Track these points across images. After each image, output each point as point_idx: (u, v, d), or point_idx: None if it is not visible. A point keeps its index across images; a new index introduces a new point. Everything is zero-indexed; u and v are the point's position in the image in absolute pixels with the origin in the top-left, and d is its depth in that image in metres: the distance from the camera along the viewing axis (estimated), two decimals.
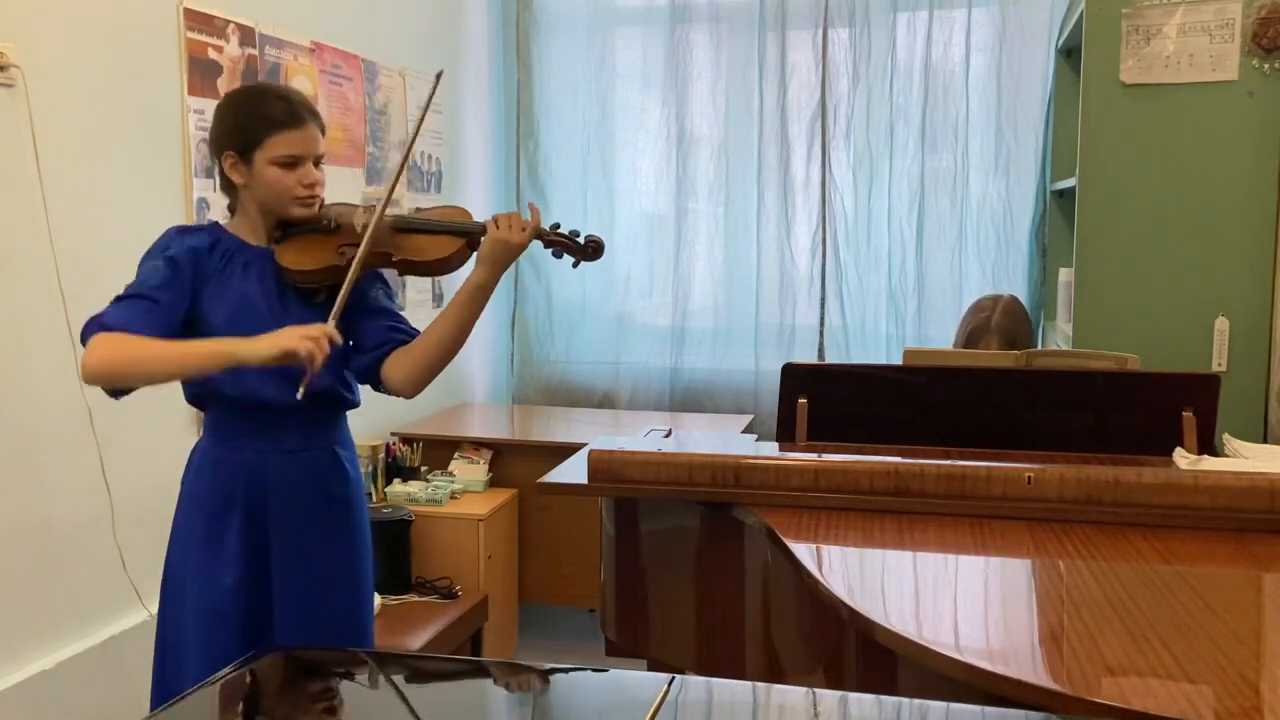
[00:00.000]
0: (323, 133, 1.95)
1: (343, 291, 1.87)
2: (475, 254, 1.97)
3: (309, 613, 1.95)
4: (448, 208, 2.08)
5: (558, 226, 2.03)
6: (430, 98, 2.03)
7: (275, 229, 1.95)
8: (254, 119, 1.89)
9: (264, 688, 1.31)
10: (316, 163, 1.94)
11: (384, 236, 1.95)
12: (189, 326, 1.88)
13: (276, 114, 1.89)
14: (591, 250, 2.02)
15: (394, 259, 1.96)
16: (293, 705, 1.30)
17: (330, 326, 1.79)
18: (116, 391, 1.87)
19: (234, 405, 1.91)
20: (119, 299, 1.82)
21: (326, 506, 1.99)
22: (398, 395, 2.00)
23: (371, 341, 1.98)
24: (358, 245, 1.90)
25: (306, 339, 1.73)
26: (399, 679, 1.37)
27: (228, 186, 1.96)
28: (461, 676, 1.42)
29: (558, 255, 2.03)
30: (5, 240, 2.22)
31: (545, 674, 1.35)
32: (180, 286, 1.85)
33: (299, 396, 1.77)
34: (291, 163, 1.89)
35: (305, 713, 1.27)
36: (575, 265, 2.05)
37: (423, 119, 2.06)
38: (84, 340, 1.77)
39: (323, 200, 1.97)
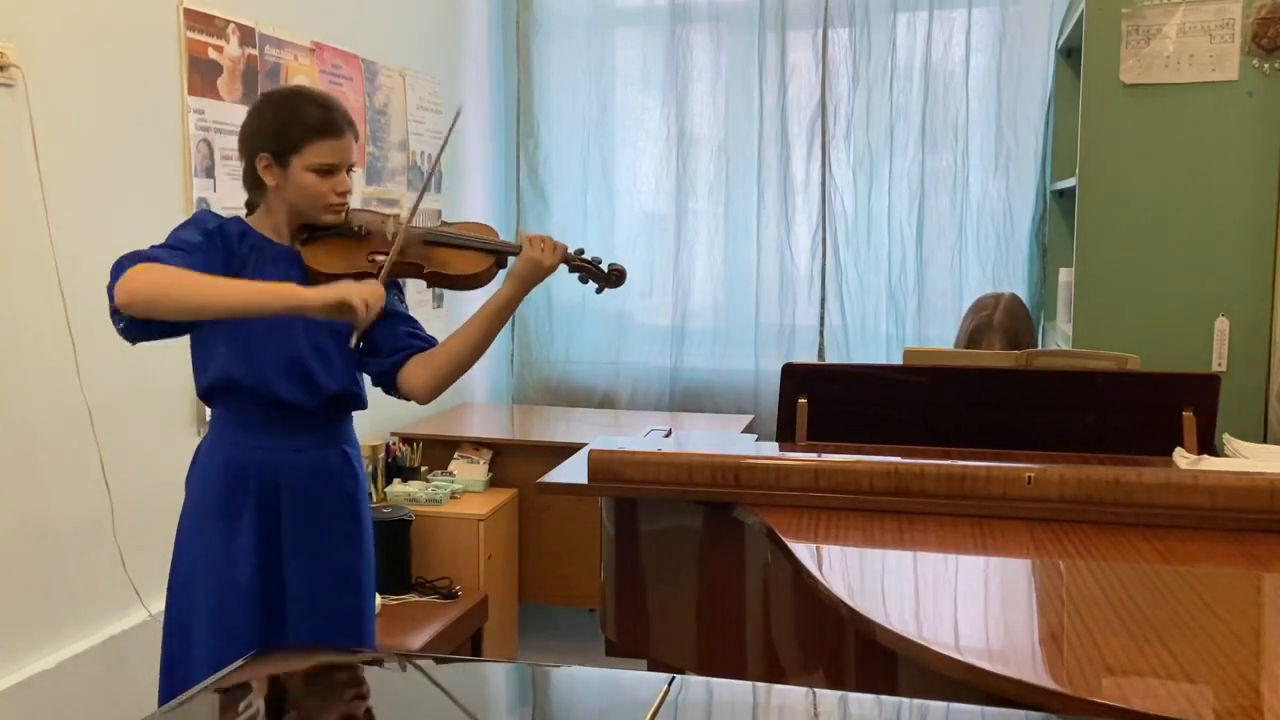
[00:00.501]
0: (356, 140, 1.96)
1: (390, 259, 1.91)
2: (503, 271, 2.02)
3: (319, 610, 1.97)
4: (473, 224, 2.11)
5: (582, 252, 2.08)
6: (450, 131, 2.05)
7: (300, 231, 1.97)
8: (295, 124, 1.89)
9: (269, 686, 1.31)
10: (349, 170, 1.96)
11: (414, 248, 1.99)
12: (221, 320, 1.88)
13: (317, 122, 1.90)
14: (615, 277, 2.10)
15: (425, 270, 2.00)
16: (296, 704, 1.30)
17: (380, 288, 1.82)
18: (137, 329, 1.80)
19: (249, 402, 1.92)
20: (155, 247, 1.80)
21: (338, 506, 2.01)
22: (412, 400, 2.03)
23: (389, 347, 2.01)
24: (387, 252, 1.93)
25: (362, 295, 1.76)
26: (399, 679, 1.37)
27: (254, 185, 1.97)
28: (461, 676, 1.42)
29: (583, 280, 2.09)
30: (5, 240, 2.22)
31: (545, 674, 1.35)
32: (214, 254, 1.85)
33: (351, 345, 1.85)
34: (328, 170, 1.91)
35: (307, 712, 1.27)
36: (599, 291, 2.11)
37: (443, 150, 2.13)
38: (118, 273, 1.74)
39: (348, 206, 1.99)
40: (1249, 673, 1.20)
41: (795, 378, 2.18)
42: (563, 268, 2.05)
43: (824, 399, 2.15)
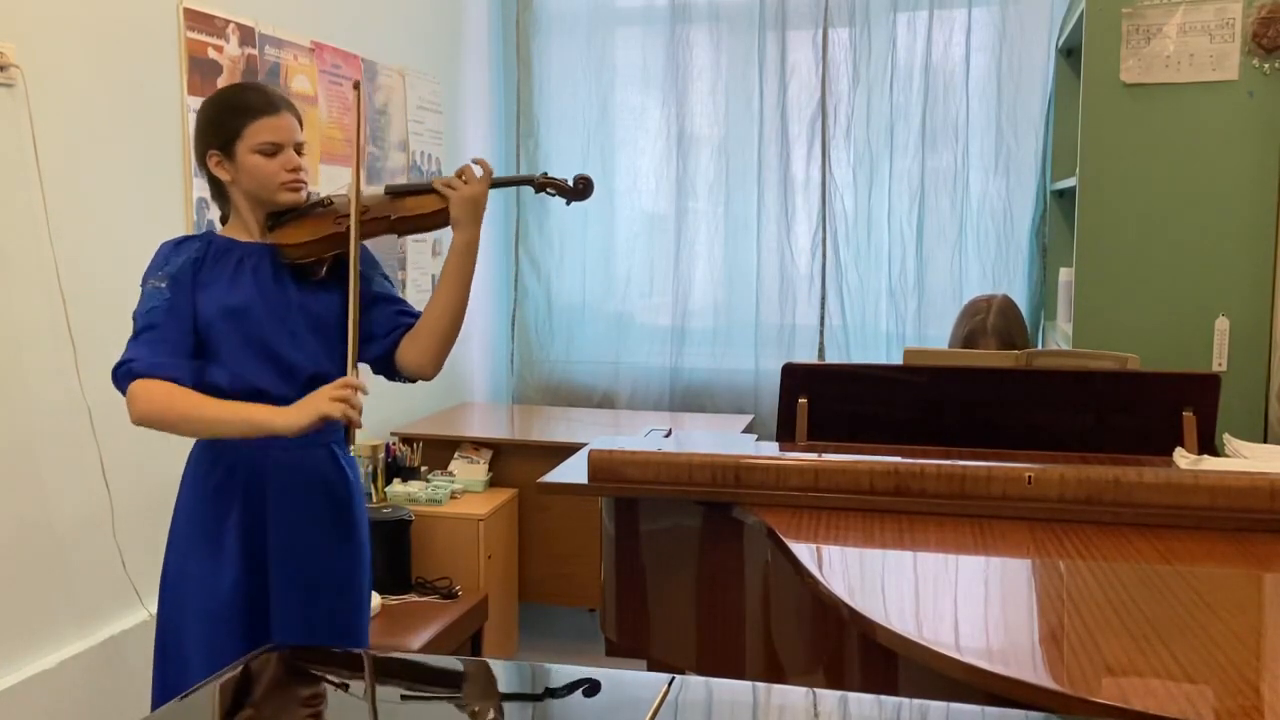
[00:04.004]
0: (300, 121, 1.97)
1: (351, 305, 1.90)
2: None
3: (306, 612, 1.94)
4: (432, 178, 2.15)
5: (547, 174, 2.09)
6: (359, 112, 2.07)
7: (267, 220, 1.97)
8: (230, 112, 1.92)
9: (260, 687, 1.31)
10: (298, 150, 1.96)
11: (377, 204, 2.01)
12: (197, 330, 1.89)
13: (252, 103, 1.92)
14: (581, 187, 2.08)
15: (393, 218, 2.00)
16: (290, 705, 1.30)
17: (354, 377, 1.84)
18: None
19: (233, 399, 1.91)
20: (135, 337, 1.84)
21: (326, 505, 1.98)
22: (416, 378, 2.03)
23: (382, 329, 2.00)
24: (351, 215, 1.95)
25: (336, 400, 1.79)
26: (397, 679, 1.37)
27: (217, 191, 1.98)
28: (461, 677, 1.42)
29: (550, 195, 2.10)
30: (5, 240, 2.22)
31: (545, 674, 1.35)
32: (184, 304, 1.87)
33: (351, 451, 1.89)
34: (273, 150, 1.91)
35: (303, 713, 1.27)
36: (568, 204, 2.12)
37: (360, 132, 2.12)
38: (119, 386, 1.83)
39: (310, 192, 1.99)
40: (1249, 673, 1.20)
41: (795, 377, 2.18)
42: (528, 189, 2.10)
43: (824, 399, 2.15)
